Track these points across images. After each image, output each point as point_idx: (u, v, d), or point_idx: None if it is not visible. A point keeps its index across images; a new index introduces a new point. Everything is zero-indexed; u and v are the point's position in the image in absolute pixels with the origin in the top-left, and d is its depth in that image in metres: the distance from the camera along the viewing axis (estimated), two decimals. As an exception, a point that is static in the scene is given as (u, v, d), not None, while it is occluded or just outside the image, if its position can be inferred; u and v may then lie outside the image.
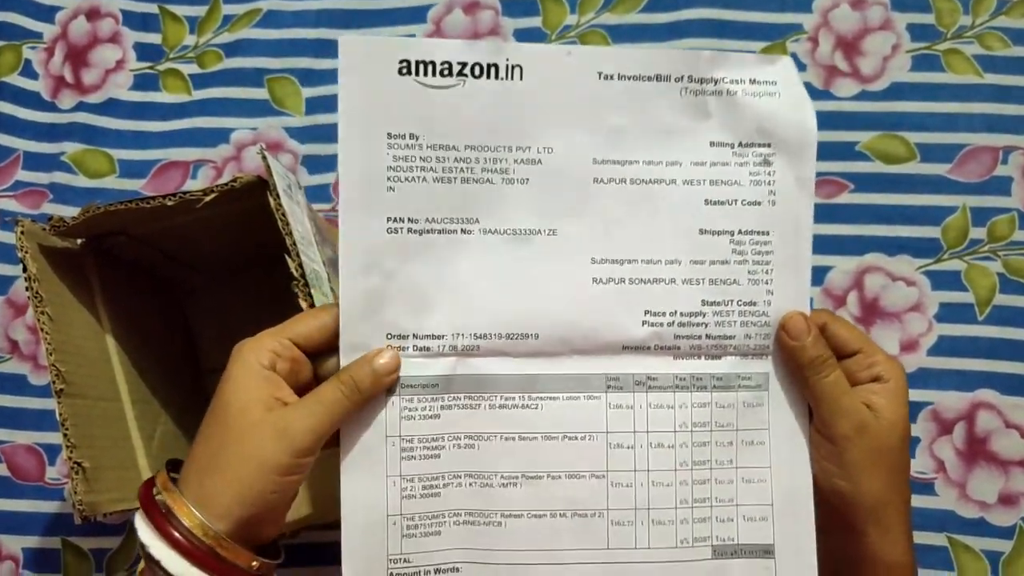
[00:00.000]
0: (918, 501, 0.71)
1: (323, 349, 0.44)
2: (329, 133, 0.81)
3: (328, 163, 0.80)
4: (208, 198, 0.52)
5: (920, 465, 0.72)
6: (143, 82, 0.83)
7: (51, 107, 0.82)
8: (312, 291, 0.49)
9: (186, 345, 0.75)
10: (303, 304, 0.47)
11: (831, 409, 0.44)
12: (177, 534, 0.38)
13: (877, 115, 0.78)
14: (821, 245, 0.76)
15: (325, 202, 0.80)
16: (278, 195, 0.50)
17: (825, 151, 0.76)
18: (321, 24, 0.83)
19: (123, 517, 0.60)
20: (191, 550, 0.38)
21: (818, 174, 0.76)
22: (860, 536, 0.44)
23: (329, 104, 0.81)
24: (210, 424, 0.41)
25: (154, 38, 0.84)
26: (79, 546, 0.73)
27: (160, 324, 0.70)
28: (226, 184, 0.52)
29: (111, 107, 0.82)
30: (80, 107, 0.82)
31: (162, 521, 0.39)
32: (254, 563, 0.40)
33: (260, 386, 0.40)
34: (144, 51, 0.84)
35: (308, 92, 0.82)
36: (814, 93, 0.79)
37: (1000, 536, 0.71)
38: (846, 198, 0.78)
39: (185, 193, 0.52)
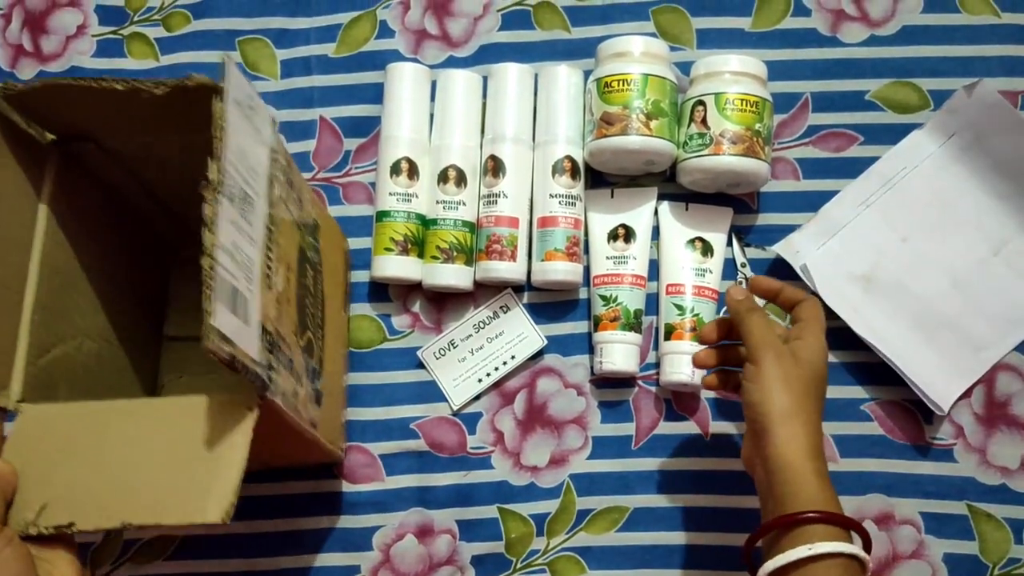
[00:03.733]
0: (935, 468, 0.68)
1: None
2: (308, 97, 0.76)
3: (306, 129, 0.76)
4: (159, 91, 0.49)
5: (939, 431, 0.69)
6: (107, 48, 0.78)
7: (10, 77, 0.77)
8: (221, 204, 0.44)
9: (154, 304, 0.72)
10: (205, 210, 0.43)
11: (757, 338, 0.55)
12: None
13: (887, 61, 0.75)
14: (828, 199, 0.72)
15: (305, 171, 0.76)
16: (225, 101, 0.46)
17: (833, 101, 0.72)
18: (294, -19, 0.78)
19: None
20: None
21: (825, 126, 0.73)
22: (771, 438, 0.52)
23: (305, 66, 0.76)
24: None
25: (116, 0, 0.79)
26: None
27: (126, 265, 0.66)
28: (179, 80, 0.48)
29: (74, 76, 0.77)
30: (40, 76, 0.77)
31: None
32: None
33: None
34: (107, 15, 0.79)
35: (283, 54, 0.77)
36: (819, 39, 0.75)
37: (1023, 503, 0.67)
38: (856, 151, 0.74)
39: (137, 80, 0.49)
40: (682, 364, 0.69)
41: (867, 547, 0.52)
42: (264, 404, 0.48)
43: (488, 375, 0.72)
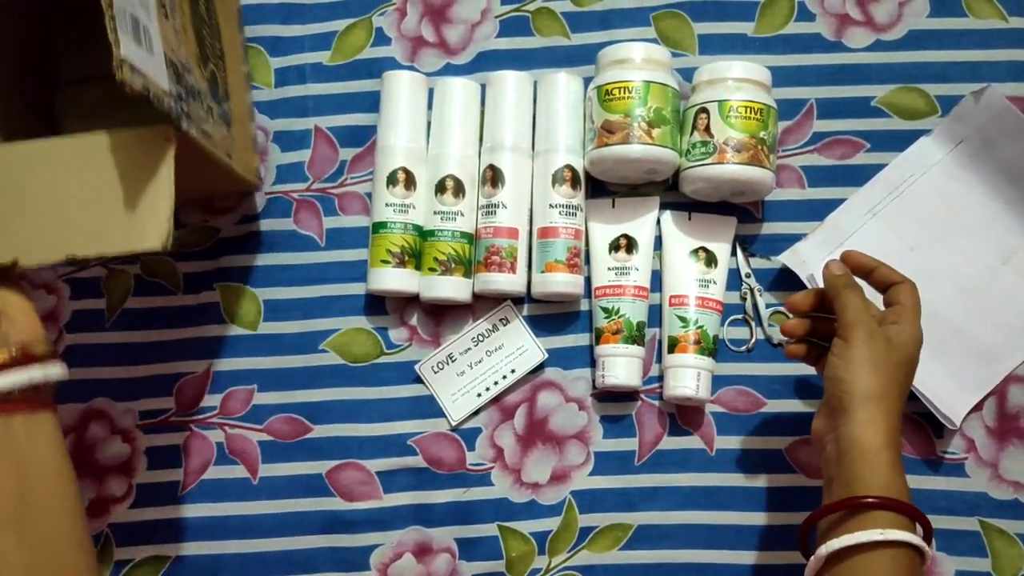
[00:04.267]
0: (947, 483, 0.66)
1: None
2: (303, 106, 0.74)
3: (301, 138, 0.74)
4: None
5: (950, 445, 0.67)
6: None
7: None
8: (120, 35, 0.42)
9: (37, 49, 0.69)
10: (111, 37, 0.42)
11: (851, 314, 0.54)
12: None
13: (893, 66, 0.73)
14: (834, 208, 0.71)
15: (299, 181, 0.74)
16: None
17: (838, 108, 0.71)
18: (288, -13, 0.77)
19: None
20: None
21: (830, 133, 0.71)
22: (850, 417, 0.52)
23: (300, 75, 0.75)
24: None
25: None
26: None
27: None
28: None
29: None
30: None
31: None
32: None
33: None
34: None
35: (277, 62, 0.76)
36: (824, 45, 0.73)
37: (1037, 518, 0.66)
38: (862, 158, 0.72)
39: None
40: (686, 378, 0.67)
41: (928, 540, 0.51)
42: (180, 135, 0.49)
43: (487, 389, 0.70)
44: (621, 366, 0.68)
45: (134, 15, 0.44)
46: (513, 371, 0.70)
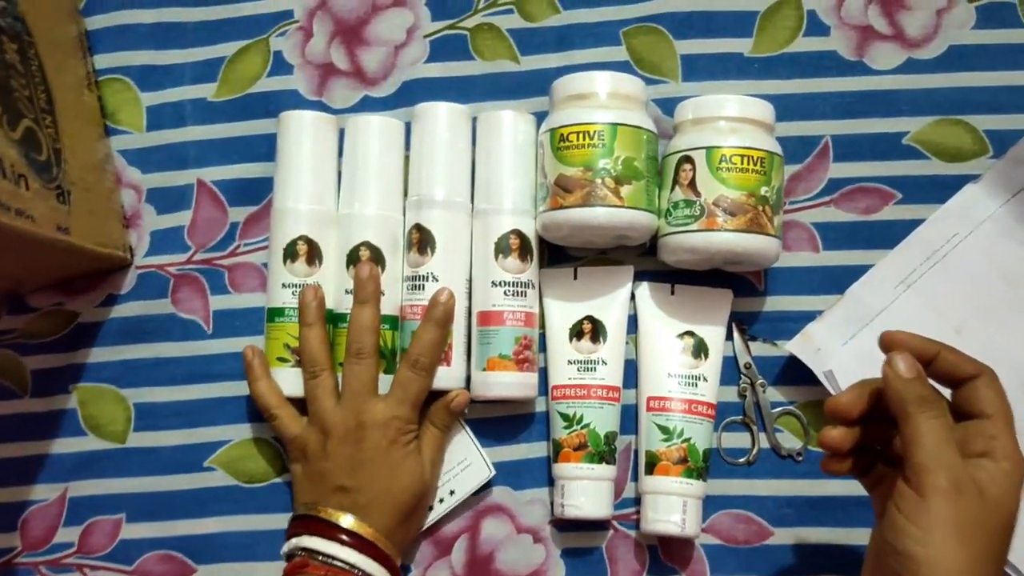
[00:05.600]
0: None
1: None
2: (182, 155, 0.60)
3: (180, 196, 0.60)
4: None
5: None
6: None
7: None
8: None
9: None
10: None
11: (928, 455, 0.39)
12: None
13: (930, 93, 0.59)
14: (856, 277, 0.57)
15: (178, 251, 0.60)
16: None
17: (860, 147, 0.58)
18: (163, 3, 0.62)
19: None
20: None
21: (851, 180, 0.57)
22: None
23: (178, 114, 0.60)
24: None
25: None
26: None
27: None
28: None
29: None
30: None
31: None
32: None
33: None
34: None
35: (149, 98, 0.62)
36: (841, 66, 0.59)
37: None
38: (891, 212, 0.58)
39: None
40: (669, 510, 0.53)
41: None
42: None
43: (418, 519, 0.55)
44: (585, 493, 0.54)
45: None
46: (452, 492, 0.56)
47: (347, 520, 0.50)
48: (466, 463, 0.56)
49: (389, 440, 0.51)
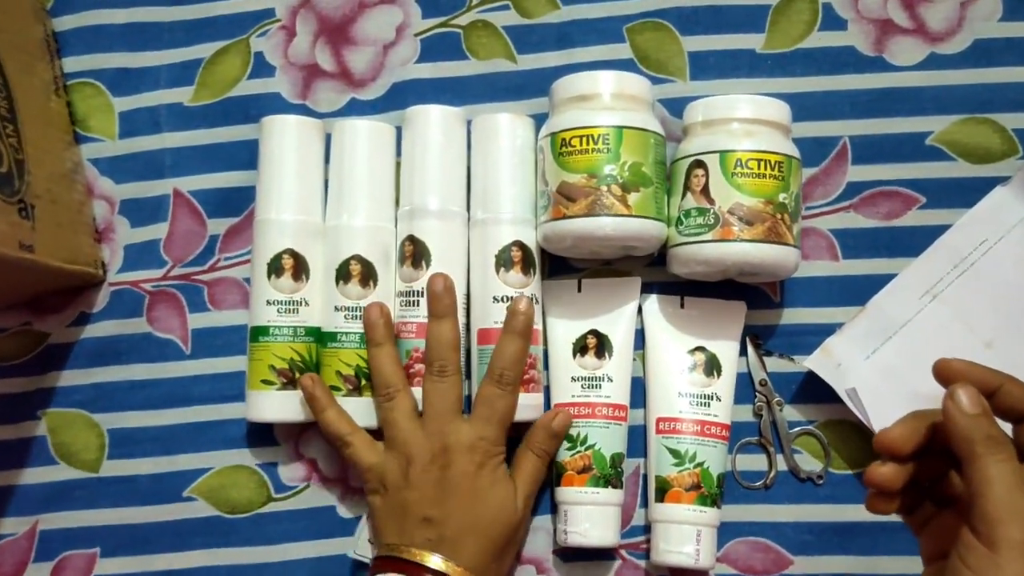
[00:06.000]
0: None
1: None
2: (158, 164, 0.57)
3: (156, 207, 0.57)
4: None
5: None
6: None
7: None
8: None
9: None
10: None
11: (999, 504, 0.34)
12: None
13: (955, 90, 0.55)
14: (878, 287, 0.53)
15: (155, 267, 0.56)
16: None
17: (880, 149, 0.55)
18: (136, 2, 0.58)
19: None
20: None
21: (871, 183, 0.53)
22: None
23: (153, 120, 0.57)
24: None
25: None
26: None
27: None
28: None
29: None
30: None
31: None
32: None
33: None
34: None
35: (123, 103, 0.58)
36: (860, 62, 0.55)
37: None
38: (915, 218, 0.54)
39: None
40: (682, 540, 0.49)
41: None
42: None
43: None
44: (590, 519, 0.50)
45: None
46: None
47: (435, 560, 0.45)
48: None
49: (476, 464, 0.47)
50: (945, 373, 0.38)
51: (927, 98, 0.55)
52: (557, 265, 0.55)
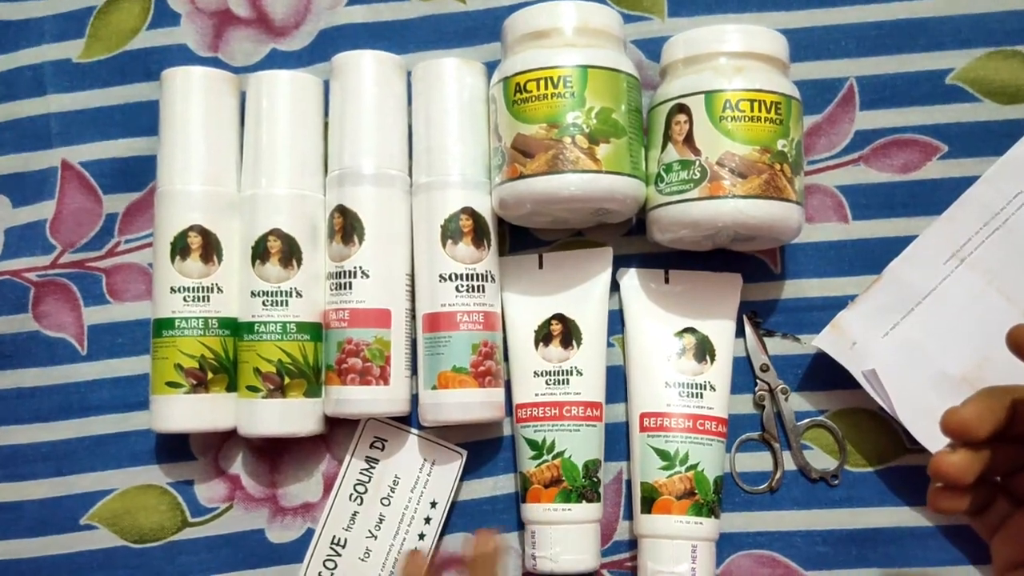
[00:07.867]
0: None
1: None
2: (42, 130, 0.51)
3: (40, 183, 0.50)
4: None
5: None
6: None
7: None
8: None
9: None
10: None
11: None
12: None
13: (978, 20, 0.49)
14: (896, 252, 0.46)
15: (40, 252, 0.50)
16: None
17: (894, 90, 0.49)
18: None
19: None
20: None
21: (883, 131, 0.46)
22: None
23: (36, 80, 0.50)
24: None
25: None
26: None
27: None
28: None
29: None
30: None
31: None
32: None
33: None
34: None
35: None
36: None
37: None
38: (936, 169, 0.48)
39: None
40: (676, 558, 0.42)
41: None
42: None
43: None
44: (562, 541, 0.43)
45: None
46: (433, 504, 0.46)
47: None
48: (431, 461, 0.46)
49: None
50: (1020, 341, 0.31)
51: (946, 30, 0.49)
52: (520, 239, 0.48)
